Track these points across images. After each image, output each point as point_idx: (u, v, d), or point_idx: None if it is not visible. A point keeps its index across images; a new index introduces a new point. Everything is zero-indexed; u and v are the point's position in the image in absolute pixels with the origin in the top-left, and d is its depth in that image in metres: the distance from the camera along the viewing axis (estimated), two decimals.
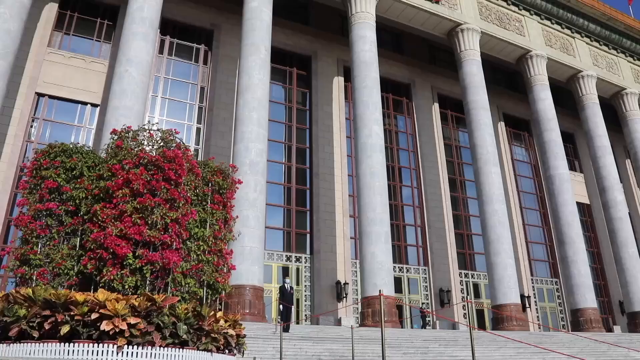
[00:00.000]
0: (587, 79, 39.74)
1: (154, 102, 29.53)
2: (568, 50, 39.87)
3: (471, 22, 34.33)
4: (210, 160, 20.00)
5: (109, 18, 29.88)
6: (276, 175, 31.36)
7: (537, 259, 40.09)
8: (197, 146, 29.74)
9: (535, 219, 41.77)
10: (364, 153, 26.90)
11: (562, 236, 32.83)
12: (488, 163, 30.77)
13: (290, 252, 30.23)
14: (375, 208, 25.63)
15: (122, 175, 15.95)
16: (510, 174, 40.91)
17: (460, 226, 37.01)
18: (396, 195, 35.14)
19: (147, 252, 15.34)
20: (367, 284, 24.47)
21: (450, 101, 40.28)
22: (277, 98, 33.49)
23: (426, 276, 33.90)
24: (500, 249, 28.85)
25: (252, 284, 21.06)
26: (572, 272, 31.69)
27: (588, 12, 40.56)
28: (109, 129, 18.82)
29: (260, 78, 24.84)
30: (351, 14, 30.21)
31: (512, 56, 37.76)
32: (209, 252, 17.54)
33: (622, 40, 43.27)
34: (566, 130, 43.74)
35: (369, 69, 28.81)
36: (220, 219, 18.92)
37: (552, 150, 34.77)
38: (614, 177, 37.34)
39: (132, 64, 22.32)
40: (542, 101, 36.14)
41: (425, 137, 37.72)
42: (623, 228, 35.75)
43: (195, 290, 16.53)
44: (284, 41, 33.18)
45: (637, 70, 44.97)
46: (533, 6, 38.22)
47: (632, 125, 42.20)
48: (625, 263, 34.90)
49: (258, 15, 26.17)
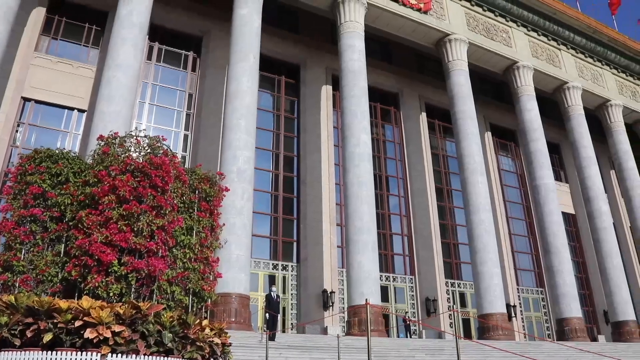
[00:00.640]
0: (573, 90, 40.15)
1: (142, 108, 29.40)
2: (554, 61, 40.28)
3: (459, 32, 34.58)
4: (197, 167, 20.00)
5: (97, 23, 29.71)
6: (263, 183, 31.30)
7: (523, 268, 40.29)
8: (184, 153, 29.61)
9: (521, 228, 42.00)
10: (351, 162, 26.92)
11: (547, 246, 33.01)
12: (475, 173, 30.91)
13: (277, 260, 30.13)
14: (362, 217, 25.62)
15: (109, 181, 15.88)
16: (497, 184, 41.15)
17: (446, 235, 37.14)
18: (383, 204, 35.20)
19: (132, 260, 15.24)
20: (353, 293, 24.42)
21: (438, 111, 40.48)
22: (266, 106, 33.48)
23: (413, 285, 33.93)
24: (487, 258, 28.94)
25: (239, 292, 20.94)
26: (558, 281, 31.83)
27: (573, 24, 41.02)
28: (96, 135, 18.73)
29: (249, 85, 24.80)
30: (340, 23, 30.32)
31: (499, 67, 38.06)
32: (195, 259, 17.47)
33: (606, 52, 43.81)
34: (552, 141, 44.10)
35: (358, 78, 28.89)
36: (207, 227, 18.87)
37: (538, 161, 35.01)
38: (598, 187, 37.66)
39: (120, 70, 22.19)
40: (529, 112, 36.42)
41: (413, 146, 37.86)
42: (607, 238, 36.03)
43: (181, 298, 16.44)
44: (273, 49, 33.21)
45: (621, 82, 45.52)
46: (520, 18, 38.59)
47: (616, 137, 42.67)
48: (609, 273, 35.15)
49: (247, 22, 26.17)
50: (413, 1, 32.66)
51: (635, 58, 45.59)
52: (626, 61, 45.27)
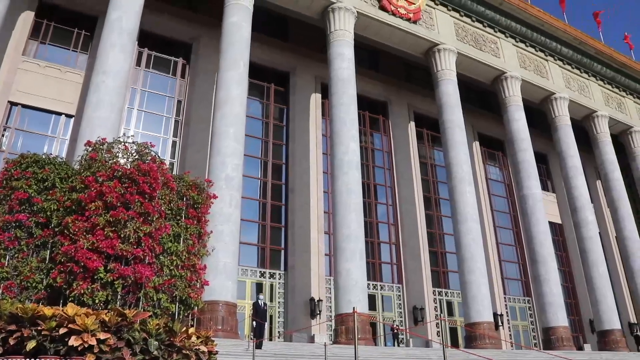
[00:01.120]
0: (560, 101, 40.51)
1: (130, 114, 29.27)
2: (542, 72, 40.64)
3: (448, 42, 34.81)
4: (185, 174, 19.89)
5: (86, 28, 29.60)
6: (252, 191, 31.23)
7: (510, 277, 40.46)
8: (172, 160, 29.49)
9: (508, 237, 42.21)
10: (340, 170, 26.94)
11: (534, 255, 33.16)
12: (463, 182, 31.04)
13: (264, 268, 30.03)
14: (350, 225, 25.63)
15: (96, 187, 15.76)
16: (485, 193, 41.36)
17: (434, 244, 37.22)
18: (371, 213, 35.23)
19: (119, 266, 15.12)
20: (341, 301, 24.38)
21: (426, 120, 40.66)
22: (255, 113, 33.47)
23: (400, 294, 33.94)
24: (474, 267, 29.03)
25: (226, 300, 20.83)
26: (544, 290, 31.97)
27: (561, 36, 41.46)
28: (84, 141, 18.59)
29: (238, 93, 24.78)
30: (330, 32, 30.42)
31: (487, 77, 38.33)
32: (182, 267, 17.36)
33: (593, 64, 44.29)
34: (539, 151, 44.43)
35: (347, 86, 28.97)
36: (195, 234, 18.77)
37: (526, 170, 35.23)
38: (585, 197, 37.94)
39: (109, 75, 22.08)
40: (517, 122, 36.67)
41: (401, 155, 37.97)
42: (593, 248, 36.28)
43: (167, 305, 16.32)
44: (262, 57, 33.24)
45: (607, 93, 46.02)
46: (508, 29, 38.93)
47: (602, 147, 43.10)
48: (595, 282, 35.36)
49: (237, 30, 26.19)
50: (403, 11, 32.86)
51: (620, 70, 46.14)
52: (612, 73, 45.80)
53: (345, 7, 30.45)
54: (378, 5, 32.31)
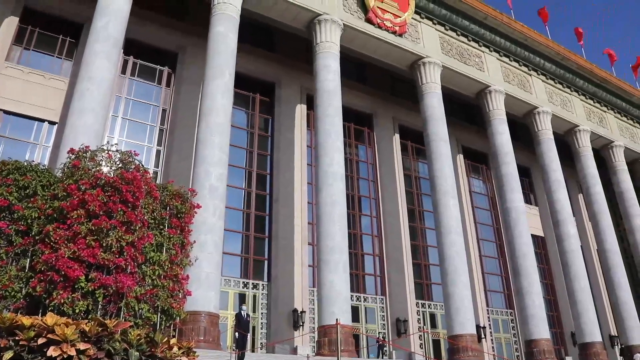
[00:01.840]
0: (543, 115, 40.96)
1: (114, 122, 29.08)
2: (525, 86, 41.10)
3: (433, 56, 35.08)
4: (169, 183, 19.73)
5: (71, 35, 29.43)
6: (235, 201, 31.11)
7: (493, 290, 40.63)
8: (156, 169, 29.32)
9: (491, 250, 42.43)
10: (324, 181, 26.94)
11: (517, 268, 33.34)
12: (447, 194, 31.18)
13: (247, 278, 29.87)
14: (334, 236, 25.60)
15: (78, 195, 15.58)
16: (468, 206, 41.59)
17: (418, 256, 37.29)
18: (355, 224, 35.24)
19: (100, 276, 14.93)
20: (324, 313, 24.29)
21: (411, 132, 40.86)
22: (240, 123, 33.42)
23: (383, 305, 33.91)
24: (457, 280, 29.11)
25: (208, 311, 20.66)
26: (527, 303, 32.12)
27: (544, 51, 42.00)
28: (67, 148, 18.39)
29: (223, 102, 24.73)
30: (316, 43, 30.52)
31: (471, 90, 38.66)
32: (164, 277, 17.17)
33: (575, 79, 44.90)
34: (522, 164, 44.82)
35: (332, 98, 29.05)
36: (177, 244, 18.59)
37: (509, 183, 35.49)
38: (567, 211, 38.28)
39: (93, 83, 21.93)
40: (500, 135, 36.97)
41: (386, 167, 38.09)
42: (575, 261, 36.57)
43: (149, 315, 16.11)
44: (248, 67, 33.23)
45: (589, 108, 46.65)
46: (492, 43, 39.36)
47: (584, 161, 43.60)
48: (577, 295, 35.62)
49: (223, 40, 26.18)
50: (389, 24, 33.08)
51: (601, 85, 46.84)
52: (593, 88, 46.47)
53: (332, 19, 30.60)
54: (364, 18, 32.51)
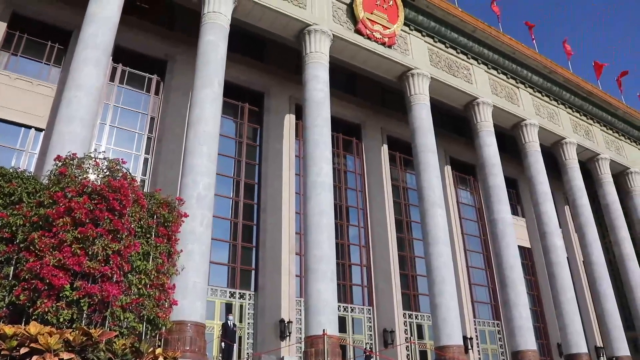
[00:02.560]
0: (530, 128, 41.28)
1: (102, 129, 28.92)
2: (513, 99, 41.43)
3: (422, 67, 35.28)
4: (156, 192, 19.66)
5: (60, 42, 29.27)
6: (223, 210, 31.00)
7: (480, 301, 40.71)
8: (144, 177, 29.16)
9: (478, 261, 42.54)
10: (312, 191, 26.94)
11: (504, 279, 33.41)
12: (434, 205, 31.26)
13: (234, 288, 29.72)
14: (322, 246, 25.56)
15: (64, 203, 15.47)
16: (456, 217, 41.74)
17: (405, 267, 37.32)
18: (343, 235, 35.23)
19: (85, 284, 14.80)
20: (311, 323, 24.19)
21: (399, 143, 41.01)
22: (228, 132, 33.38)
23: (370, 316, 33.85)
24: (445, 291, 29.12)
25: (194, 320, 20.49)
26: (514, 314, 32.18)
27: (531, 64, 42.40)
28: (53, 155, 18.25)
29: (212, 111, 24.69)
30: (305, 54, 30.61)
31: (460, 102, 38.89)
32: (150, 286, 17.06)
33: (562, 92, 45.34)
34: (510, 176, 45.09)
35: (321, 108, 29.11)
36: (164, 253, 18.50)
37: (496, 195, 35.64)
38: (554, 223, 38.47)
39: (81, 90, 21.80)
40: (488, 147, 37.18)
41: (374, 177, 38.17)
42: (562, 272, 36.70)
43: (135, 325, 15.98)
44: (237, 76, 33.25)
45: (575, 121, 47.09)
46: (480, 56, 39.68)
47: (571, 173, 43.93)
48: (563, 306, 35.72)
49: (213, 49, 26.18)
50: (378, 35, 33.26)
51: (587, 98, 47.31)
52: (580, 101, 46.93)
53: (321, 29, 30.72)
54: (354, 29, 32.67)
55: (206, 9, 27.17)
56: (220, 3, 27.26)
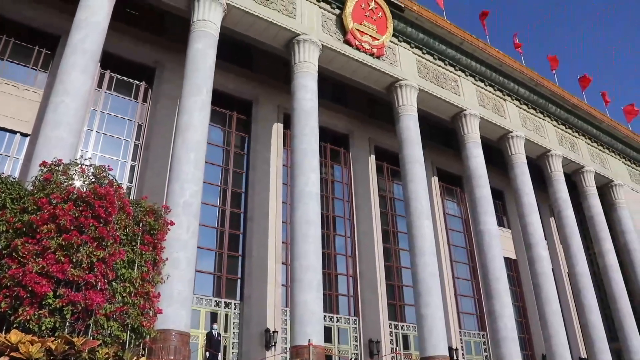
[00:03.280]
0: (516, 140, 41.59)
1: (89, 136, 28.70)
2: (499, 111, 41.75)
3: (410, 78, 35.48)
4: (143, 199, 19.54)
5: (47, 47, 29.09)
6: (209, 218, 30.85)
7: (466, 312, 40.78)
8: (130, 184, 28.97)
9: (464, 272, 42.65)
10: (300, 200, 26.90)
11: (490, 290, 33.51)
12: (421, 216, 31.33)
13: (220, 297, 29.52)
14: (308, 255, 25.49)
15: (49, 209, 15.33)
16: (442, 228, 41.85)
17: (391, 277, 37.32)
18: (330, 244, 35.18)
19: (69, 292, 14.64)
20: (297, 333, 24.08)
21: (387, 154, 41.10)
22: (216, 140, 33.29)
23: (356, 326, 33.77)
24: (431, 301, 29.14)
25: (179, 329, 20.31)
26: (499, 325, 32.24)
27: (518, 77, 42.79)
28: (39, 161, 18.09)
29: (200, 119, 24.63)
30: (294, 63, 30.67)
31: (447, 113, 39.11)
32: (135, 294, 16.92)
33: (548, 105, 45.79)
34: (496, 187, 45.33)
35: (309, 117, 29.14)
36: (150, 261, 18.37)
37: (483, 206, 35.81)
38: (539, 234, 38.70)
39: (69, 95, 21.65)
40: (475, 158, 37.40)
41: (361, 188, 38.21)
42: (547, 284, 36.88)
43: (118, 334, 15.82)
44: (226, 84, 33.23)
45: (561, 133, 47.54)
46: (468, 68, 39.99)
47: (556, 185, 44.27)
48: (548, 318, 35.88)
49: (202, 56, 26.16)
50: (367, 46, 33.41)
51: (573, 111, 47.79)
52: (565, 114, 47.40)
53: (311, 39, 30.81)
54: (343, 40, 32.80)
55: (196, 16, 27.17)
56: (210, 11, 27.27)
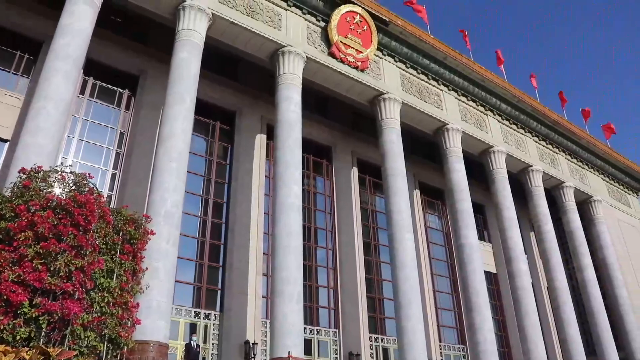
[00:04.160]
0: (498, 154, 42.00)
1: (70, 143, 28.39)
2: (482, 126, 42.15)
3: (394, 92, 35.70)
4: (123, 208, 19.38)
5: (30, 52, 28.80)
6: (190, 228, 30.64)
7: (446, 325, 40.85)
8: (111, 193, 28.68)
9: (445, 285, 42.78)
10: (282, 212, 26.83)
11: (470, 303, 33.64)
12: (403, 229, 31.41)
13: (199, 308, 29.25)
14: (289, 267, 25.40)
15: (27, 217, 15.13)
16: (423, 241, 42.00)
17: (372, 290, 37.30)
18: (311, 256, 35.09)
19: (46, 301, 14.42)
20: (276, 345, 23.93)
21: (369, 166, 41.25)
22: (198, 150, 33.14)
23: (336, 339, 33.65)
24: (411, 314, 29.15)
25: (157, 340, 20.04)
26: (479, 339, 32.36)
27: (500, 92, 43.29)
28: (18, 167, 17.87)
29: (183, 128, 24.50)
30: (279, 74, 30.72)
31: (430, 127, 39.39)
32: (113, 304, 16.73)
33: (529, 120, 46.36)
34: (477, 201, 45.66)
35: (293, 129, 29.16)
36: (129, 270, 18.19)
37: (464, 220, 36.02)
38: (519, 248, 39.01)
39: (50, 101, 21.39)
40: (457, 172, 37.66)
41: (343, 200, 38.25)
42: (526, 298, 37.13)
43: (95, 344, 15.61)
44: (210, 94, 33.16)
45: (542, 149, 48.12)
46: (451, 82, 40.37)
47: (536, 200, 44.71)
48: (527, 331, 36.08)
49: (186, 65, 26.09)
50: (351, 59, 33.59)
51: (553, 127, 48.44)
52: (546, 130, 48.02)
53: (295, 51, 30.91)
54: (327, 52, 32.95)
55: (181, 25, 27.13)
56: (195, 21, 27.26)
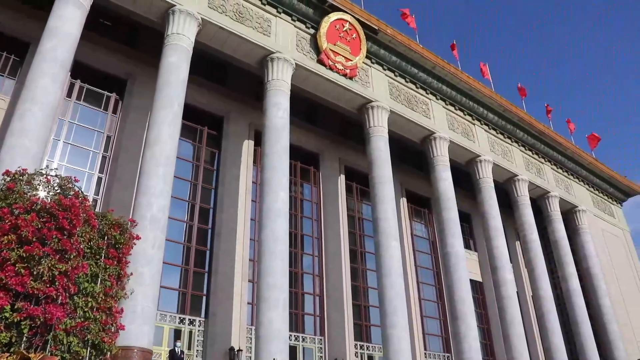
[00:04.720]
0: (485, 164, 42.25)
1: (56, 146, 28.15)
2: (469, 135, 42.40)
3: (382, 100, 35.82)
4: (109, 212, 19.20)
5: (17, 53, 28.56)
6: (176, 233, 30.47)
7: (431, 333, 40.89)
8: (96, 196, 28.46)
9: (431, 294, 42.85)
10: (268, 218, 26.77)
11: (455, 312, 33.73)
12: (389, 237, 31.46)
13: (184, 314, 29.05)
14: (275, 273, 25.34)
15: (10, 220, 14.97)
16: (409, 249, 42.06)
17: (358, 297, 37.27)
18: (297, 263, 35.01)
19: (28, 306, 14.26)
20: (261, 352, 23.83)
21: (357, 174, 41.32)
22: (186, 155, 33.01)
23: (322, 346, 33.57)
24: (397, 322, 29.17)
25: (141, 346, 19.89)
26: (464, 347, 32.43)
27: (487, 102, 43.60)
28: (2, 169, 17.68)
29: (170, 133, 24.41)
30: (267, 80, 30.72)
31: (417, 136, 39.55)
32: (97, 309, 16.57)
33: (516, 130, 46.73)
34: (464, 210, 45.83)
35: (280, 135, 29.15)
36: (114, 275, 18.04)
37: (450, 229, 36.15)
38: (505, 257, 39.20)
39: (36, 104, 21.20)
40: (443, 181, 37.82)
41: (330, 207, 38.25)
42: (511, 307, 37.31)
43: (78, 349, 15.43)
44: (198, 99, 33.07)
45: (528, 159, 48.50)
46: (439, 91, 40.59)
47: (522, 210, 45.02)
48: (512, 340, 36.22)
49: (175, 70, 26.02)
50: (340, 67, 33.67)
51: (539, 138, 48.88)
52: (532, 140, 48.43)
53: (284, 57, 30.94)
54: (316, 59, 33.02)
55: (170, 30, 27.08)
56: (184, 25, 27.22)
